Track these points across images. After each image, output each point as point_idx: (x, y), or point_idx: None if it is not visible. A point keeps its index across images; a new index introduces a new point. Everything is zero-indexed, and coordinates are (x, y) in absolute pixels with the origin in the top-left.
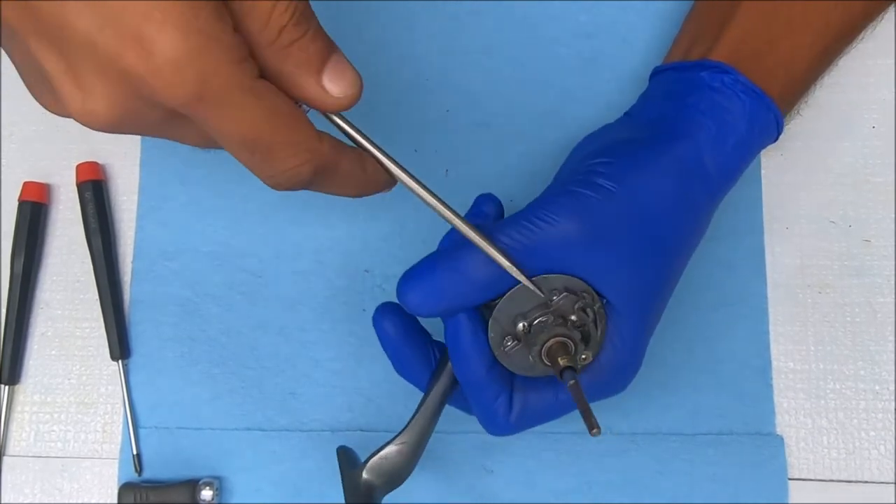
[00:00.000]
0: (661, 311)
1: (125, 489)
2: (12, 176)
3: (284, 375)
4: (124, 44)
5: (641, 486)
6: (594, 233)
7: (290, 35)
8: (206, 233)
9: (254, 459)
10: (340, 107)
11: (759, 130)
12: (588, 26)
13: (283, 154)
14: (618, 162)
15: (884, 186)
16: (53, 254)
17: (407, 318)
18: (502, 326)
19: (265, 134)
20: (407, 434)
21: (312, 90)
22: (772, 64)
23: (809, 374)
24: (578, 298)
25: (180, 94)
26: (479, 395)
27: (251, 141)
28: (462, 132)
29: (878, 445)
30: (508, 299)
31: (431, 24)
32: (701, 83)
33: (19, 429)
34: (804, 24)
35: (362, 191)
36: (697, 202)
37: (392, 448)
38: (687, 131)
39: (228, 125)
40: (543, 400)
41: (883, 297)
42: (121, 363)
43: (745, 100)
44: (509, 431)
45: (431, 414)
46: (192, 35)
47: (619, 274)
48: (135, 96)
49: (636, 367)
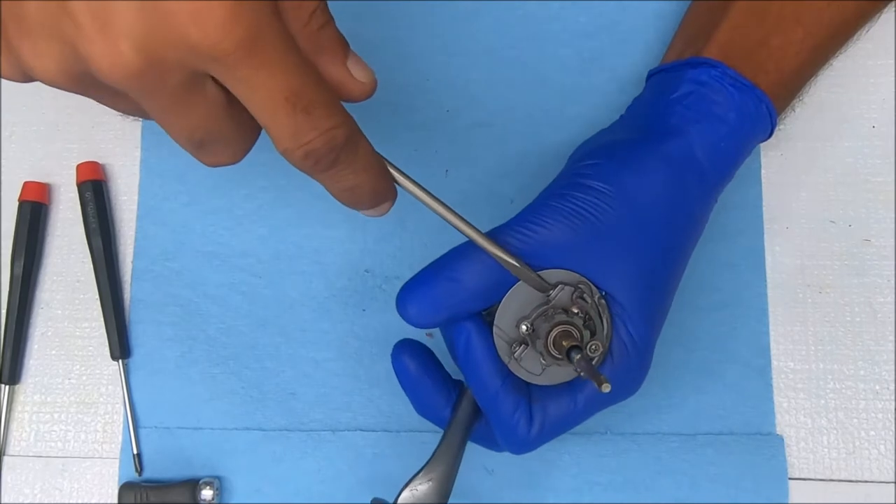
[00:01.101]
0: (665, 307)
1: (125, 489)
2: (12, 176)
3: (284, 375)
4: None
5: (641, 486)
6: (588, 233)
7: (319, 20)
8: (206, 233)
9: (254, 459)
10: (365, 92)
11: (751, 122)
12: (588, 26)
13: (324, 112)
14: (605, 162)
15: (884, 186)
16: (53, 254)
17: (425, 354)
18: (507, 334)
19: (310, 88)
20: (435, 467)
21: (341, 73)
22: (762, 59)
23: (809, 374)
24: (575, 289)
25: (233, 38)
26: (498, 408)
27: (296, 94)
28: (462, 132)
29: (878, 445)
30: (506, 305)
31: (431, 23)
32: (689, 79)
33: (19, 429)
34: (795, 22)
35: (378, 184)
36: (692, 195)
37: (424, 485)
38: (676, 126)
39: (275, 77)
40: (562, 407)
41: (883, 297)
42: (121, 363)
43: (732, 91)
44: (531, 445)
45: (458, 445)
46: None
47: (618, 270)
48: (172, 43)
49: (646, 366)
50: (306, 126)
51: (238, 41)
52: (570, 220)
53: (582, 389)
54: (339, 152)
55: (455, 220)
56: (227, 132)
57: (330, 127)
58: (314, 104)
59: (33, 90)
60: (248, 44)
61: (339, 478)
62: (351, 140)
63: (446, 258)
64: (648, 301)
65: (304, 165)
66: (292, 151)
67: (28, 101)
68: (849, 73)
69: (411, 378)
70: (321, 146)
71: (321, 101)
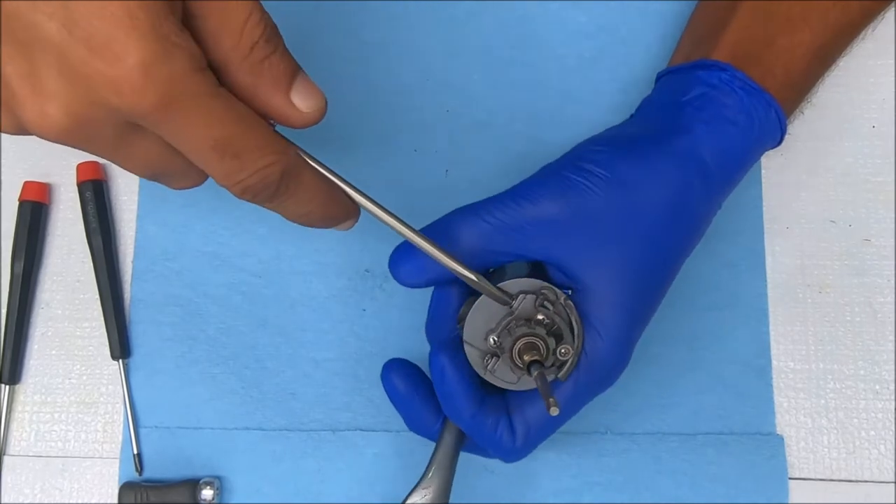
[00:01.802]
0: (651, 302)
1: (125, 489)
2: (12, 176)
3: (284, 375)
4: (93, 48)
5: (641, 486)
6: (577, 215)
7: (261, 51)
8: (206, 233)
9: (254, 459)
10: (307, 122)
11: (760, 126)
12: (588, 27)
13: (254, 154)
14: (610, 150)
15: (884, 186)
16: (53, 254)
17: (414, 371)
18: (478, 348)
19: (235, 135)
20: (431, 482)
21: (281, 105)
22: (770, 62)
23: (809, 373)
24: (537, 296)
25: (148, 100)
26: (479, 430)
27: (221, 143)
28: (462, 132)
29: (878, 445)
30: (473, 318)
31: (431, 24)
32: (699, 81)
33: (19, 429)
34: (802, 23)
35: (328, 211)
36: (694, 195)
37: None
38: (685, 127)
39: (197, 129)
40: (541, 412)
41: (883, 297)
42: (121, 363)
43: (742, 95)
44: (520, 453)
45: (451, 458)
46: (159, 41)
47: (599, 258)
48: (95, 104)
49: (624, 359)
50: (236, 168)
51: (154, 103)
52: (561, 199)
53: (558, 391)
54: (276, 187)
55: (415, 237)
56: (176, 167)
57: (262, 167)
58: (242, 150)
59: None
60: (165, 103)
61: (339, 478)
62: (288, 174)
63: (440, 222)
64: (630, 292)
65: (245, 198)
66: (229, 188)
67: None
68: (849, 73)
69: (400, 396)
70: (255, 183)
71: (250, 145)
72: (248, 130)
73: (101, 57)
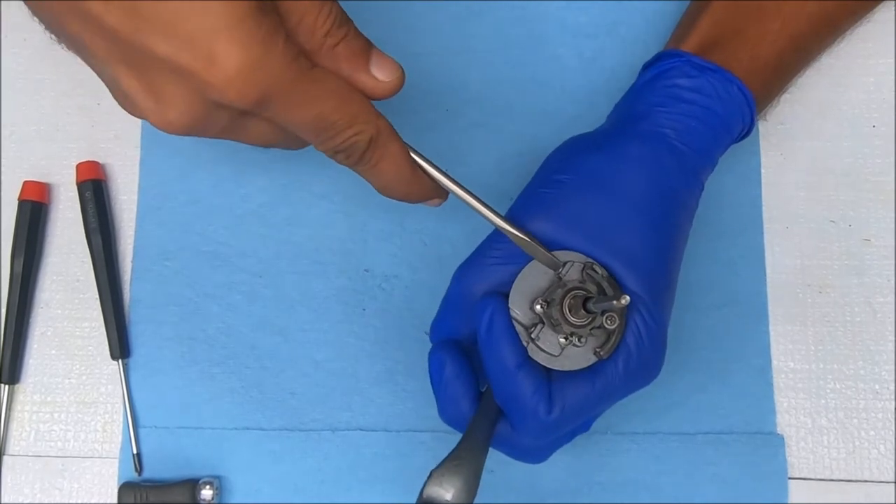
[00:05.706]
0: (670, 279)
1: (125, 489)
2: (12, 176)
3: (284, 375)
4: (199, 61)
5: (641, 486)
6: (569, 223)
7: (334, 38)
8: (206, 233)
9: (254, 459)
10: (389, 90)
11: (722, 103)
12: (588, 26)
13: (346, 124)
14: (573, 156)
15: (884, 186)
16: (53, 253)
17: (463, 357)
18: (522, 317)
19: (329, 110)
20: (461, 465)
21: (364, 80)
22: (735, 48)
23: (809, 373)
24: (584, 266)
25: (251, 98)
26: (517, 388)
27: (318, 118)
28: (462, 132)
29: (878, 445)
30: (518, 288)
31: (432, 24)
32: (656, 71)
33: (19, 428)
34: (775, 13)
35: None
36: (668, 169)
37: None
38: (642, 111)
39: (296, 111)
40: (581, 392)
41: (883, 297)
42: (121, 363)
43: (694, 74)
44: (550, 429)
45: (483, 441)
46: (255, 46)
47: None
48: (207, 103)
49: (662, 349)
50: (330, 136)
51: (255, 100)
52: (545, 215)
53: (600, 375)
54: (362, 153)
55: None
56: (284, 139)
57: (352, 135)
58: (334, 123)
59: (33, 90)
60: (266, 98)
61: (339, 478)
62: (375, 142)
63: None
64: (648, 270)
65: (336, 160)
66: (322, 151)
67: (28, 100)
68: (849, 73)
69: (445, 377)
70: (346, 148)
71: (343, 117)
72: (340, 105)
73: (207, 68)
